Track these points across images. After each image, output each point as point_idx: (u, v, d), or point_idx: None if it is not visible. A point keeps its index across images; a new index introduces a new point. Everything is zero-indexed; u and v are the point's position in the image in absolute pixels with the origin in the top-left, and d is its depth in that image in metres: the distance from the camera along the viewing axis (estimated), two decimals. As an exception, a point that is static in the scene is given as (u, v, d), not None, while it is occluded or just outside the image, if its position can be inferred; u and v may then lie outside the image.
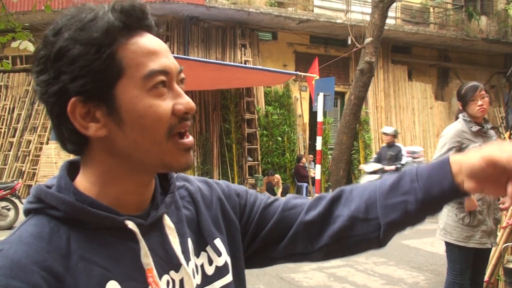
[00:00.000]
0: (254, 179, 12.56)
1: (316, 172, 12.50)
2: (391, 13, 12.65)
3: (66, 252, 0.71)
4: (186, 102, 0.78)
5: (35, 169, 11.65)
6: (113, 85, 0.74)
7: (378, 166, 9.20)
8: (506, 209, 3.59)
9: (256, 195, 1.03)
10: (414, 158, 9.88)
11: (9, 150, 12.05)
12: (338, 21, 13.30)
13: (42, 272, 0.68)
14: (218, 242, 0.92)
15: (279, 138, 13.31)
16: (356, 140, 12.24)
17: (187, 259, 0.85)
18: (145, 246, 0.78)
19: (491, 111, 16.31)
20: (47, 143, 11.72)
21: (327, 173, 12.83)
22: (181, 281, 0.83)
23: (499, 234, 4.65)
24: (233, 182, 11.47)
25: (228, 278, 0.92)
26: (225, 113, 12.74)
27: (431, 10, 15.75)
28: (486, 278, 4.69)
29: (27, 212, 0.78)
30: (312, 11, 13.68)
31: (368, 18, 11.66)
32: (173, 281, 0.82)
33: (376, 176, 8.63)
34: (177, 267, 0.83)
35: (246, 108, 12.77)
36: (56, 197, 0.75)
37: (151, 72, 0.75)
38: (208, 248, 0.91)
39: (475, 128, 3.58)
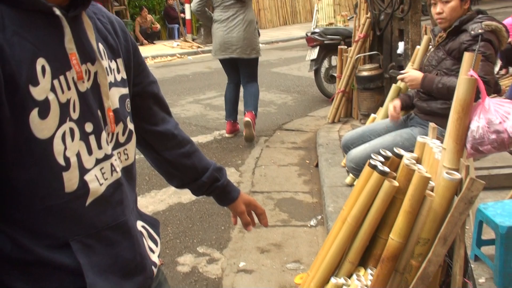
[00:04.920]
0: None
1: (186, 12, 12.28)
2: None
3: (1, 25, 0.79)
4: None
5: None
6: None
7: None
8: None
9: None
10: None
11: None
12: None
13: None
14: (121, 61, 1.06)
15: (144, -21, 12.63)
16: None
17: (101, 58, 0.95)
18: (70, 33, 0.87)
19: None
20: None
21: (197, 13, 12.64)
22: (96, 73, 0.94)
23: (351, 48, 5.15)
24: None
25: (127, 90, 1.06)
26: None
27: None
28: (342, 88, 5.28)
29: None
30: None
31: None
32: (89, 72, 0.93)
33: None
34: (93, 60, 0.93)
35: None
36: None
37: None
38: (118, 60, 1.04)
39: None
